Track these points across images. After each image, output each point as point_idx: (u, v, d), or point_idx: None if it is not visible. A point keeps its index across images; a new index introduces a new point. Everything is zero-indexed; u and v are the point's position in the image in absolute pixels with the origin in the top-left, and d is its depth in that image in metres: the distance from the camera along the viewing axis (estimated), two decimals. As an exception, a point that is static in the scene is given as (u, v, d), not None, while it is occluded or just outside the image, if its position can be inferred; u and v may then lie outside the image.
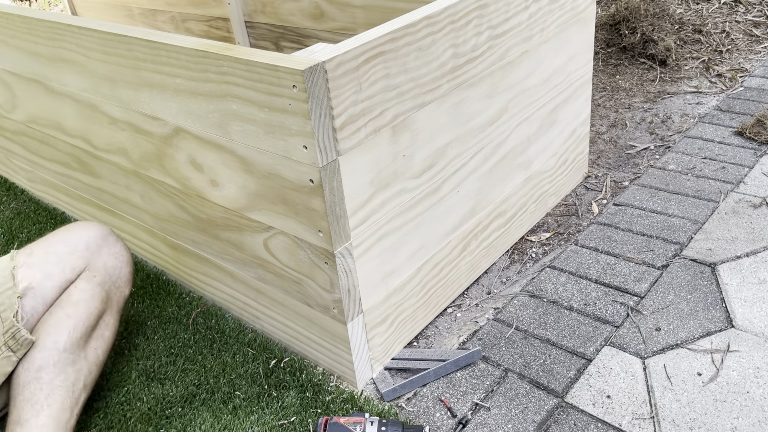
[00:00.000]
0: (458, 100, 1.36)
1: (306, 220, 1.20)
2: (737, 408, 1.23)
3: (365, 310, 1.32)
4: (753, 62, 2.64)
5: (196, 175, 1.39)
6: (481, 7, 1.33)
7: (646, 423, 1.23)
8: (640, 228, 1.76)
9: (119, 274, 1.42)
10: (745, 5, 3.04)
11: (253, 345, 1.52)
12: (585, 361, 1.38)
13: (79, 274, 1.35)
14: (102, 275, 1.38)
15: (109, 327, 1.39)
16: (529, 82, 1.58)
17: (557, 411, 1.28)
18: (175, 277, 1.78)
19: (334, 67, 1.05)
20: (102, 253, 1.39)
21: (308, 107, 1.04)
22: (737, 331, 1.40)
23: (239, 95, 1.14)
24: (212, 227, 1.46)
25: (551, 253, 1.74)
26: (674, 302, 1.50)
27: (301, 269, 1.30)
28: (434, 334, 1.52)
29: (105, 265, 1.39)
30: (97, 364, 1.35)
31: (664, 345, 1.39)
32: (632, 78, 2.64)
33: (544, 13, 1.55)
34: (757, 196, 1.82)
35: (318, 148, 1.08)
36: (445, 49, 1.28)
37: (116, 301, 1.42)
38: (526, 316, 1.52)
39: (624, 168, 2.08)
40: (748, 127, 2.12)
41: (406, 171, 1.29)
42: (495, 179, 1.58)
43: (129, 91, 1.40)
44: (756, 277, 1.53)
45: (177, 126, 1.34)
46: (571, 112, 1.82)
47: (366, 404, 1.32)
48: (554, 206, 1.93)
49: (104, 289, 1.37)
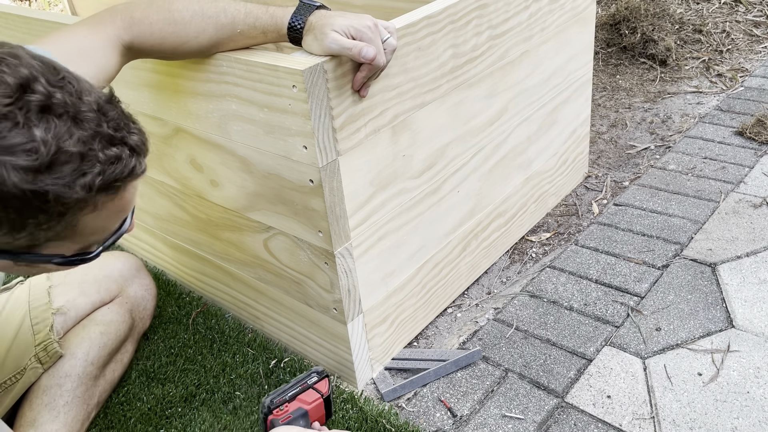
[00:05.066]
0: (458, 100, 1.36)
1: (306, 221, 1.20)
2: (737, 408, 1.23)
3: (365, 310, 1.32)
4: (753, 62, 2.64)
5: (196, 175, 1.39)
6: (481, 7, 1.33)
7: (646, 423, 1.23)
8: (641, 228, 1.76)
9: (146, 305, 1.51)
10: (746, 5, 3.04)
11: (253, 345, 1.52)
12: (585, 361, 1.38)
13: (112, 298, 1.44)
14: (131, 303, 1.46)
15: (127, 353, 1.46)
16: (529, 82, 1.58)
17: (557, 411, 1.28)
18: (175, 277, 1.78)
19: (334, 67, 1.05)
20: (134, 283, 1.48)
21: (308, 107, 1.04)
22: (737, 331, 1.40)
23: (239, 95, 1.14)
24: (212, 227, 1.46)
25: (551, 253, 1.74)
26: (674, 302, 1.50)
27: (301, 269, 1.30)
28: (434, 334, 1.52)
29: (135, 295, 1.48)
30: (112, 385, 1.42)
31: (664, 345, 1.39)
32: (632, 78, 2.64)
33: (544, 13, 1.55)
34: (757, 196, 1.82)
35: (318, 148, 1.08)
36: (445, 49, 1.28)
37: (138, 331, 1.51)
38: (526, 316, 1.52)
39: (624, 168, 2.08)
40: (748, 127, 2.12)
41: (406, 171, 1.29)
42: (495, 179, 1.58)
43: (129, 90, 1.40)
44: (756, 277, 1.53)
45: (177, 126, 1.34)
46: (571, 112, 1.82)
47: (366, 404, 1.32)
48: (554, 206, 1.93)
49: (132, 316, 1.46)
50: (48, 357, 1.26)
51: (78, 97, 0.74)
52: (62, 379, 1.27)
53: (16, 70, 0.71)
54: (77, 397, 1.27)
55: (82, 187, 0.74)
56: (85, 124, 0.74)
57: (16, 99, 0.70)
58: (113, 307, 1.40)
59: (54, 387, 1.26)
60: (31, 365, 1.24)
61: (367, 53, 1.01)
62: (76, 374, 1.28)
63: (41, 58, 0.76)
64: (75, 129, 0.73)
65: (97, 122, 0.75)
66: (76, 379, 1.28)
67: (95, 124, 0.75)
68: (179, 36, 1.07)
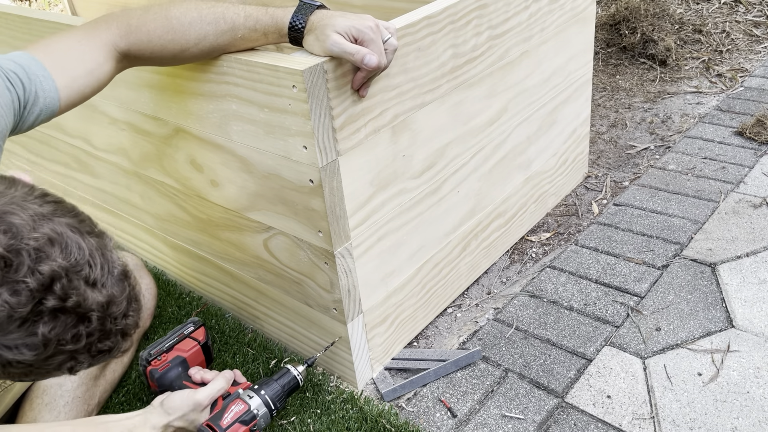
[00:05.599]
0: (458, 100, 1.36)
1: (306, 221, 1.20)
2: (737, 408, 1.23)
3: (365, 310, 1.32)
4: (753, 62, 2.64)
5: (196, 175, 1.39)
6: (481, 8, 1.33)
7: (646, 423, 1.23)
8: (641, 228, 1.76)
9: (146, 305, 1.51)
10: (745, 5, 3.04)
11: (252, 345, 1.52)
12: (585, 361, 1.38)
13: None
14: None
15: (127, 353, 1.46)
16: (528, 82, 1.58)
17: (557, 411, 1.28)
18: (175, 277, 1.78)
19: (334, 67, 1.05)
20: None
21: (308, 107, 1.04)
22: (737, 331, 1.40)
23: (239, 95, 1.14)
24: (212, 227, 1.46)
25: (551, 253, 1.74)
26: (674, 302, 1.50)
27: (301, 269, 1.30)
28: (434, 334, 1.52)
29: None
30: (112, 385, 1.41)
31: (664, 345, 1.39)
32: (632, 78, 2.64)
33: (544, 13, 1.55)
34: (757, 196, 1.82)
35: (318, 149, 1.08)
36: (445, 49, 1.28)
37: (138, 332, 1.48)
38: (526, 316, 1.52)
39: (624, 168, 2.08)
40: (748, 127, 2.12)
41: (406, 171, 1.29)
42: (495, 179, 1.58)
43: (129, 91, 1.40)
44: (756, 277, 1.53)
45: (177, 126, 1.34)
46: (571, 112, 1.82)
47: (366, 404, 1.32)
48: (554, 206, 1.93)
49: None
50: None
51: (93, 287, 0.77)
52: (62, 379, 1.27)
53: (41, 268, 0.72)
54: (77, 397, 1.28)
55: (68, 369, 0.79)
56: (90, 322, 0.77)
57: (34, 305, 0.72)
58: None
59: (54, 387, 1.26)
60: None
61: (369, 61, 1.00)
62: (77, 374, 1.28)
63: (72, 230, 0.77)
64: (79, 325, 0.77)
65: (101, 321, 0.79)
66: (76, 380, 1.28)
67: (99, 323, 0.78)
68: (179, 43, 1.07)
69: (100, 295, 0.78)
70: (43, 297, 0.72)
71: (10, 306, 0.71)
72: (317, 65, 1.02)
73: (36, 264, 0.72)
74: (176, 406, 1.14)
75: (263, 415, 1.19)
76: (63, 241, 0.76)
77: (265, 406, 1.19)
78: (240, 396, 1.19)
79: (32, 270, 0.72)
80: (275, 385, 1.22)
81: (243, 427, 1.15)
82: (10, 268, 0.71)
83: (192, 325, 1.33)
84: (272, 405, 1.20)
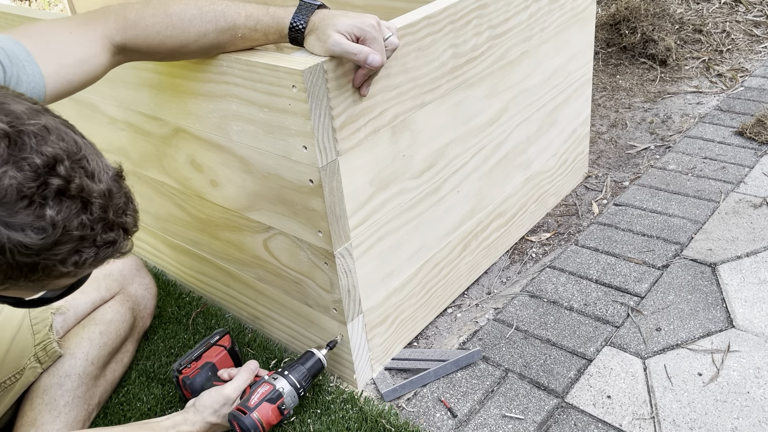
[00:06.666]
0: (458, 100, 1.36)
1: (306, 221, 1.20)
2: (738, 408, 1.23)
3: (365, 310, 1.32)
4: (753, 62, 2.64)
5: (196, 176, 1.39)
6: (481, 7, 1.33)
7: (646, 423, 1.23)
8: (641, 228, 1.76)
9: (146, 304, 1.51)
10: (746, 5, 3.04)
11: (252, 345, 1.52)
12: (585, 361, 1.38)
13: (113, 295, 1.45)
14: (132, 302, 1.46)
15: (128, 353, 1.47)
16: (529, 82, 1.58)
17: (557, 411, 1.28)
18: (175, 277, 1.78)
19: (334, 67, 1.05)
20: (134, 282, 1.49)
21: (308, 107, 1.04)
22: (738, 331, 1.40)
23: (239, 95, 1.14)
24: (212, 227, 1.46)
25: (551, 253, 1.74)
26: (674, 302, 1.50)
27: (300, 269, 1.30)
28: (434, 334, 1.52)
29: (135, 294, 1.49)
30: (113, 385, 1.42)
31: (664, 345, 1.39)
32: (632, 78, 2.64)
33: (544, 13, 1.55)
34: (757, 196, 1.82)
35: (318, 149, 1.08)
36: (445, 49, 1.28)
37: (138, 331, 1.51)
38: (526, 316, 1.52)
39: (624, 168, 2.08)
40: (748, 127, 2.12)
41: (406, 171, 1.29)
42: (495, 179, 1.58)
43: (128, 91, 1.40)
44: (756, 277, 1.53)
45: (177, 126, 1.34)
46: (571, 112, 1.82)
47: (366, 404, 1.32)
48: (554, 206, 1.93)
49: (133, 315, 1.46)
50: (47, 357, 1.26)
51: (92, 178, 0.78)
52: (63, 378, 1.27)
53: (43, 149, 0.73)
54: (78, 397, 1.28)
55: (73, 264, 0.78)
56: (93, 209, 0.78)
57: (41, 183, 0.73)
58: (114, 306, 1.40)
59: (54, 387, 1.26)
60: (30, 365, 1.24)
61: (373, 61, 1.01)
62: (76, 374, 1.28)
63: (65, 127, 0.78)
64: (82, 212, 0.77)
65: (103, 209, 0.79)
66: (76, 379, 1.28)
67: (102, 211, 0.79)
68: (178, 39, 1.06)
69: (100, 182, 0.79)
70: (48, 177, 0.73)
71: (18, 182, 0.71)
72: (317, 65, 1.02)
73: (38, 146, 0.73)
74: (207, 404, 1.20)
75: (289, 392, 1.23)
76: (60, 132, 0.76)
77: (290, 386, 1.24)
78: (265, 380, 1.25)
79: (36, 150, 0.73)
80: (300, 367, 1.27)
81: (271, 405, 1.20)
82: (15, 146, 0.72)
83: (218, 335, 1.40)
84: (297, 384, 1.25)
